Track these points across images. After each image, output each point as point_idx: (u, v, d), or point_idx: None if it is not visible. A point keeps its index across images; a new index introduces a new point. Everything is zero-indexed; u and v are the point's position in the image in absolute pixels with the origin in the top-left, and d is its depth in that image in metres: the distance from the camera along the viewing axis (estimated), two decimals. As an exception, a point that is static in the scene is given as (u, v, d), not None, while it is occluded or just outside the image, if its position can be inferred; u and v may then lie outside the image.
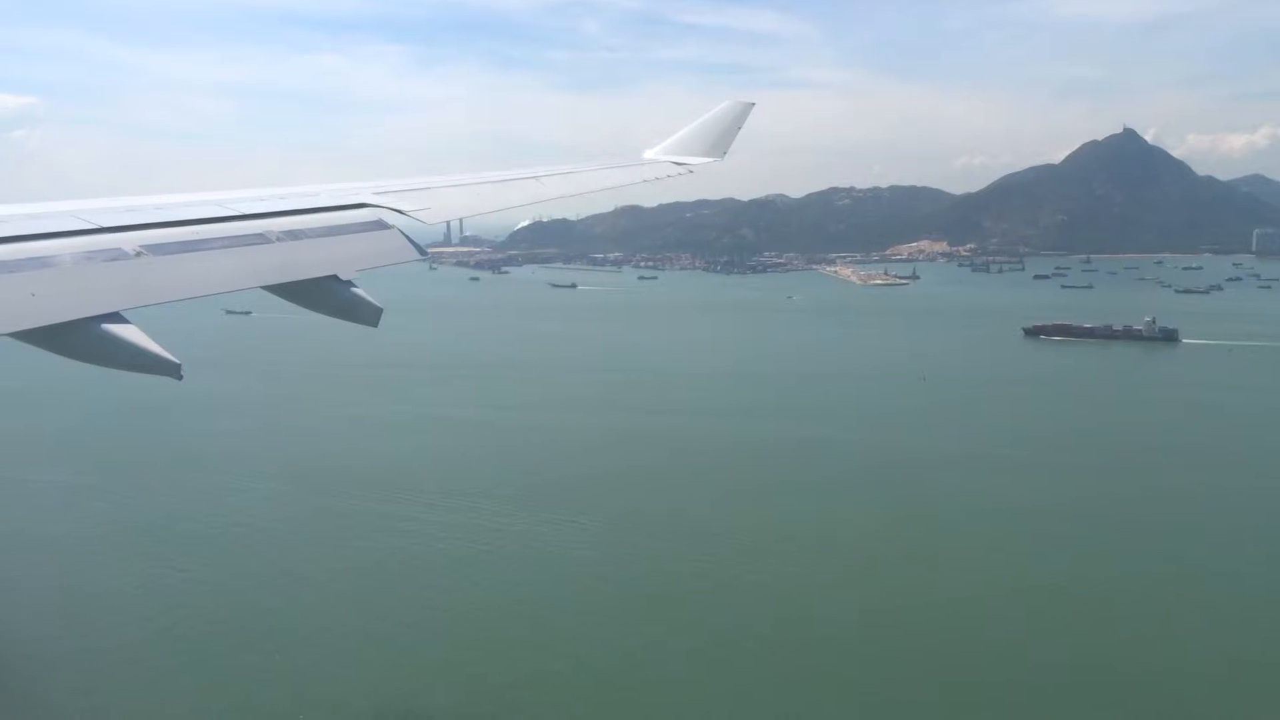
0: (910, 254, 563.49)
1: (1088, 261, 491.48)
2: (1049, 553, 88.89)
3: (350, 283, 12.45)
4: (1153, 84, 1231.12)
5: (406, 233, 14.37)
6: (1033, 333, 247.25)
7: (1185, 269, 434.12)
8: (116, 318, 9.31)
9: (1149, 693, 63.00)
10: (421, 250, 14.38)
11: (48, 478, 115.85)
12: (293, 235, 12.59)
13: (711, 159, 25.55)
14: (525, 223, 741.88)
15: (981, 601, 77.33)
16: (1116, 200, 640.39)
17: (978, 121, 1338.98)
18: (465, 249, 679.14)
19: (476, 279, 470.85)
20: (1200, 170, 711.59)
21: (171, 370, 9.53)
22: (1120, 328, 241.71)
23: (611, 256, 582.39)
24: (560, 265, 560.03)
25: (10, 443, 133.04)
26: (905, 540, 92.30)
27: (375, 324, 12.58)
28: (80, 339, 9.05)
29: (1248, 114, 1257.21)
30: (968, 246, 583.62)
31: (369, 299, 12.55)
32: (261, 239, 12.12)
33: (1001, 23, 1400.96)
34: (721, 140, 25.84)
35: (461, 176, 18.86)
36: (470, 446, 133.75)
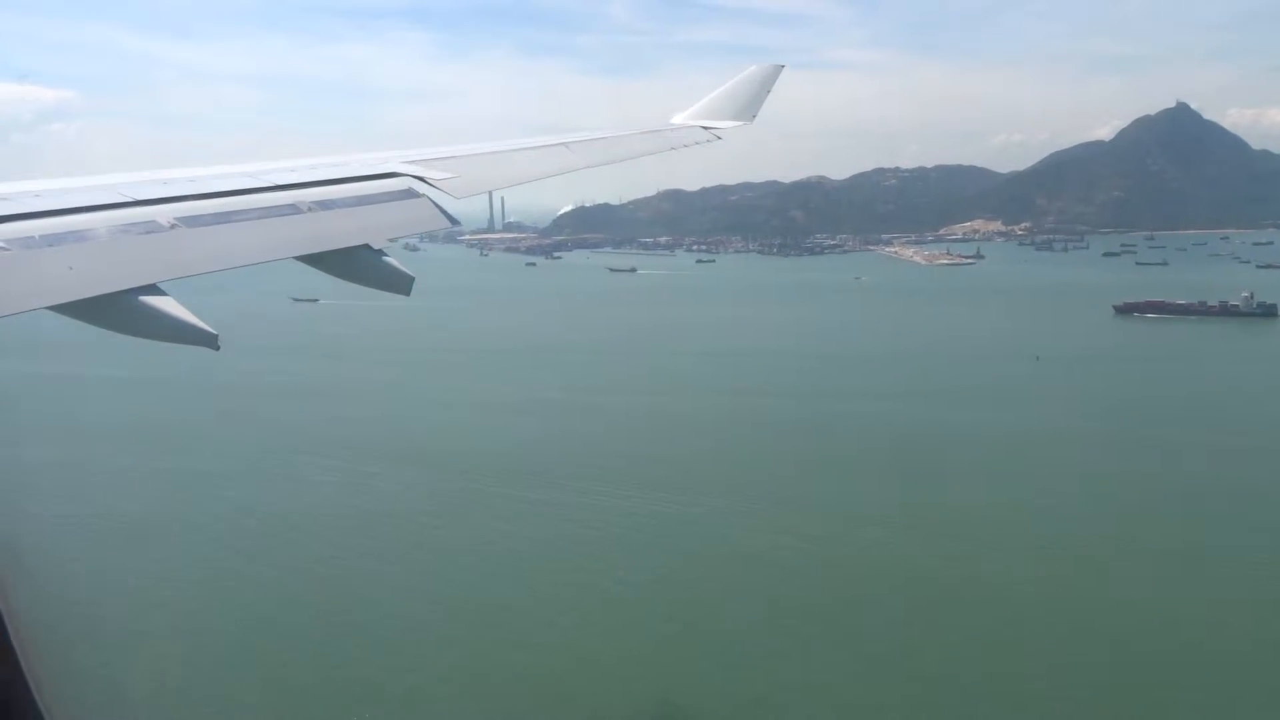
0: (965, 234, 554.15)
1: (1151, 238, 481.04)
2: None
3: (381, 251, 12.29)
4: (1186, 57, 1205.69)
5: (437, 201, 14.07)
6: (1125, 310, 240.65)
7: (1255, 244, 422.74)
8: (153, 289, 9.24)
9: None
10: (452, 219, 14.17)
11: (182, 466, 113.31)
12: (324, 205, 12.54)
13: (741, 123, 24.81)
14: (568, 208, 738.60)
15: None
16: (1172, 176, 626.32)
17: (1010, 98, 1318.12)
18: (510, 234, 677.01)
19: (533, 264, 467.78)
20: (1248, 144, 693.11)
21: (209, 340, 9.27)
22: (1216, 304, 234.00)
23: (661, 240, 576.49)
24: (610, 250, 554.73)
25: (133, 431, 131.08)
26: (1063, 525, 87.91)
27: (408, 293, 12.39)
28: (118, 311, 9.02)
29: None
30: (1023, 225, 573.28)
31: (401, 268, 12.29)
32: (293, 209, 12.08)
33: None
34: (751, 104, 25.18)
35: (491, 145, 18.75)
36: (591, 429, 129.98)
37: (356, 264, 12.18)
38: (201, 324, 9.27)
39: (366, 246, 12.23)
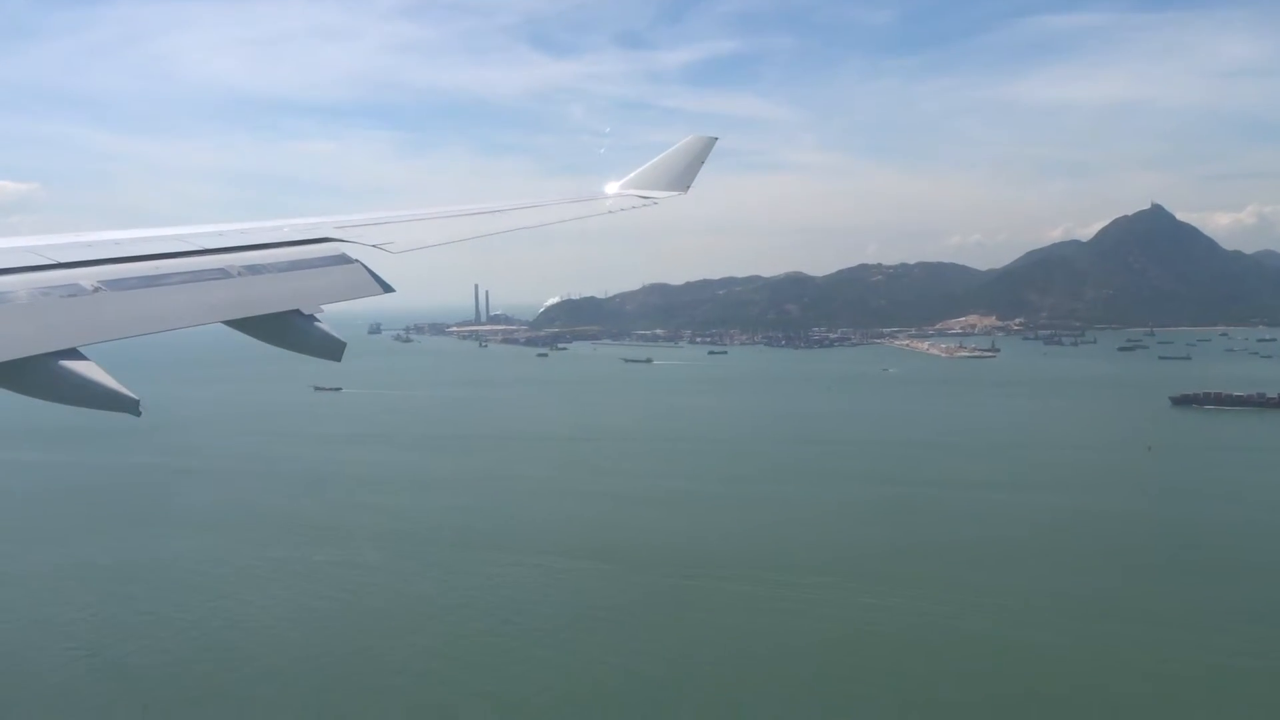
0: (963, 328, 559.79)
1: (1152, 334, 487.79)
2: None
3: (312, 317, 12.06)
4: (1126, 164, 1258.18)
5: (369, 267, 13.73)
6: (1182, 401, 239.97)
7: (1260, 340, 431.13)
8: (74, 354, 9.03)
9: None
10: (385, 285, 13.53)
11: (351, 559, 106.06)
12: (254, 270, 12.28)
13: (675, 193, 24.52)
14: (554, 300, 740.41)
15: None
16: (1155, 274, 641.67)
17: (962, 201, 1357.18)
18: (500, 326, 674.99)
19: (544, 354, 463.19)
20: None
21: (130, 406, 8.93)
22: (1276, 395, 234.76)
23: (659, 332, 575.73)
24: (609, 341, 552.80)
25: (273, 520, 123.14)
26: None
27: (339, 358, 12.08)
28: (38, 376, 8.80)
29: (1218, 193, 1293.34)
30: (1017, 321, 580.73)
31: (332, 334, 12.05)
32: (223, 274, 11.83)
33: (975, 106, 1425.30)
34: (685, 175, 24.93)
35: (423, 211, 18.32)
36: (756, 521, 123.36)
37: (286, 330, 11.79)
38: (123, 389, 8.86)
39: (297, 312, 11.86)
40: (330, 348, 12.06)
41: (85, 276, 10.26)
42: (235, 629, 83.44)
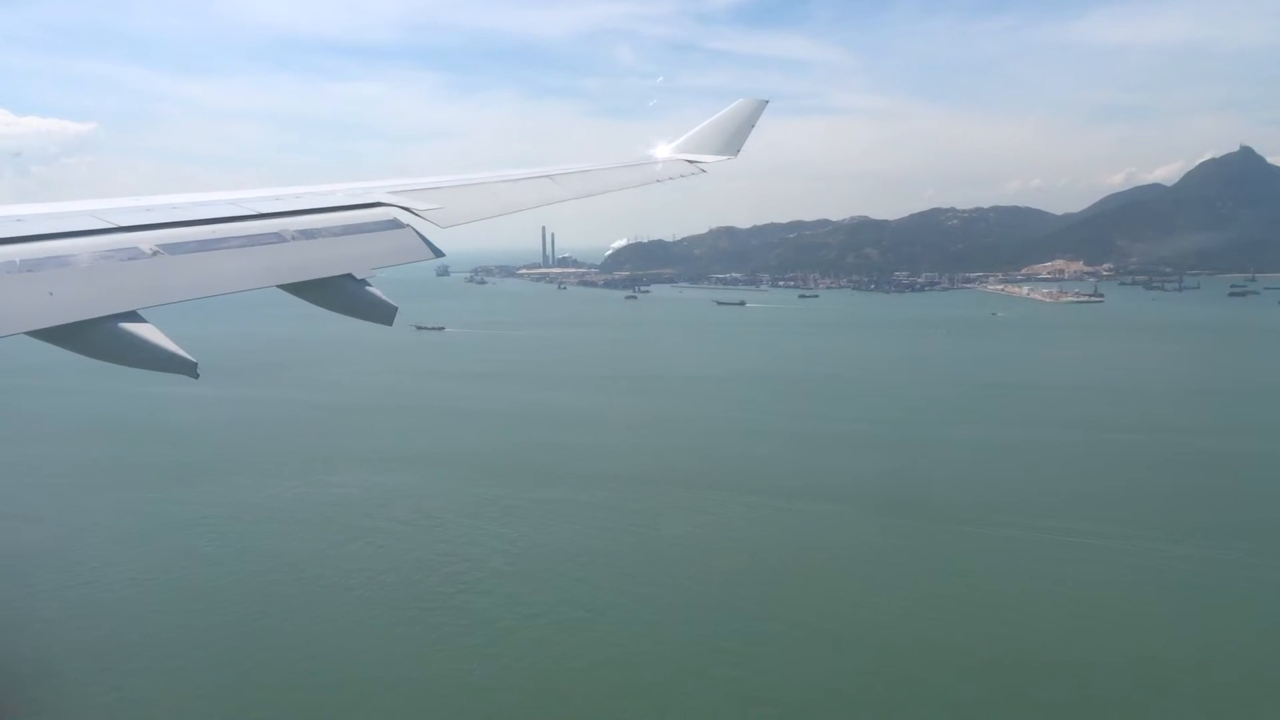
0: (1050, 273, 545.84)
1: (1253, 279, 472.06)
2: None
3: (365, 282, 12.04)
4: (1187, 107, 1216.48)
5: (422, 232, 13.73)
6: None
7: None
8: (134, 316, 9.20)
9: None
10: (436, 250, 13.57)
11: (562, 498, 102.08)
12: (308, 234, 12.37)
13: (724, 157, 24.83)
14: (621, 243, 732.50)
15: None
16: (1245, 218, 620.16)
17: (1016, 145, 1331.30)
18: (570, 269, 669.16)
19: (634, 297, 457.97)
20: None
21: (188, 369, 9.14)
22: None
23: (736, 276, 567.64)
24: (686, 285, 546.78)
25: (470, 460, 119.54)
26: None
27: (390, 323, 12.04)
28: (98, 338, 8.97)
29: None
30: (1106, 266, 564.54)
31: (384, 298, 12.05)
32: (277, 238, 11.94)
33: (1032, 48, 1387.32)
34: (735, 139, 25.13)
35: (475, 176, 18.15)
36: (941, 464, 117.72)
37: (339, 294, 11.75)
38: (181, 352, 8.97)
39: (349, 276, 11.83)
40: (382, 311, 11.89)
41: (144, 240, 10.30)
42: (507, 572, 79.71)
